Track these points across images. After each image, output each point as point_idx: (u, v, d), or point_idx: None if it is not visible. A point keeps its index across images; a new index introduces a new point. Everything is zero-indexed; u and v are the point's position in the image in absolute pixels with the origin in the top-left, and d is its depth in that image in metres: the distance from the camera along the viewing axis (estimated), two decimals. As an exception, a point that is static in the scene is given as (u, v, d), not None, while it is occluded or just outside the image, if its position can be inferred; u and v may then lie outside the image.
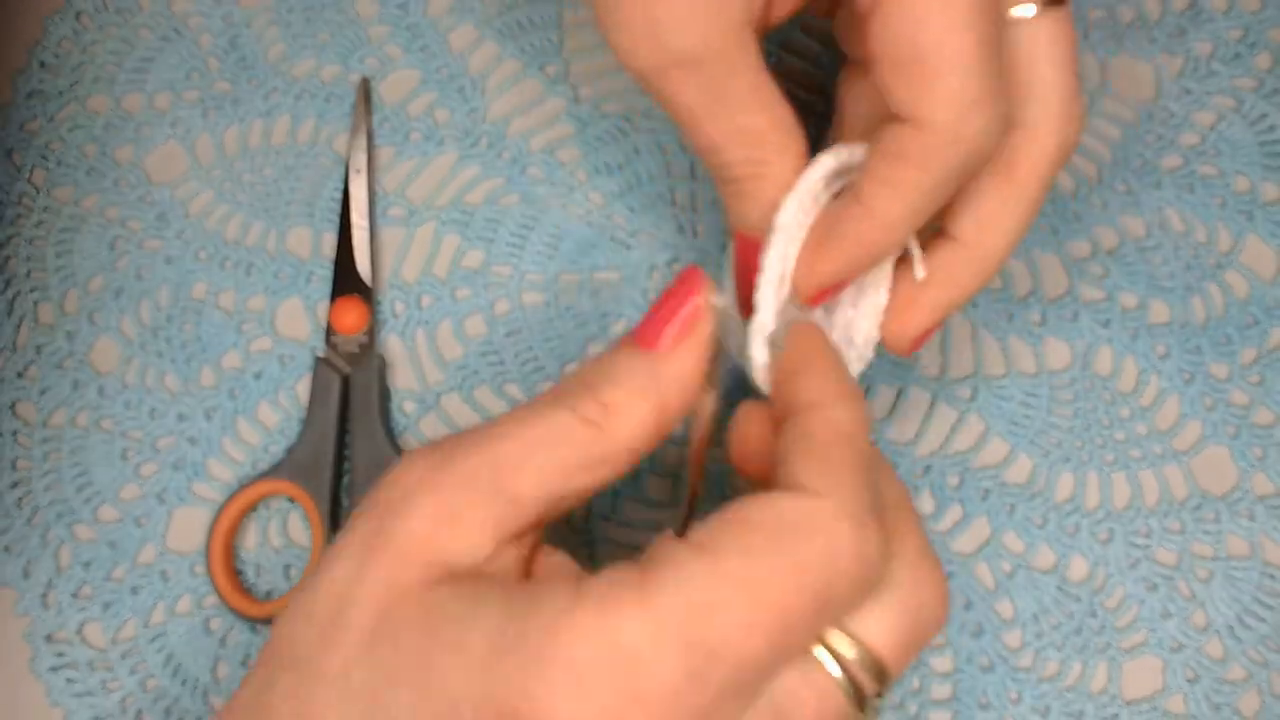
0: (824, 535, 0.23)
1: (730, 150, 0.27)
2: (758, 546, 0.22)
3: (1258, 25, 0.39)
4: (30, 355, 0.37)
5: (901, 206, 0.26)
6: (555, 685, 0.21)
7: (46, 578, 0.36)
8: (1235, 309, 0.36)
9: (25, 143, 0.39)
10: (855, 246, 0.27)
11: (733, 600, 0.22)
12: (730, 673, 0.22)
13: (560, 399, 0.25)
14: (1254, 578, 0.35)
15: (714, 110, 0.27)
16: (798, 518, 0.23)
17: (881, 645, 0.24)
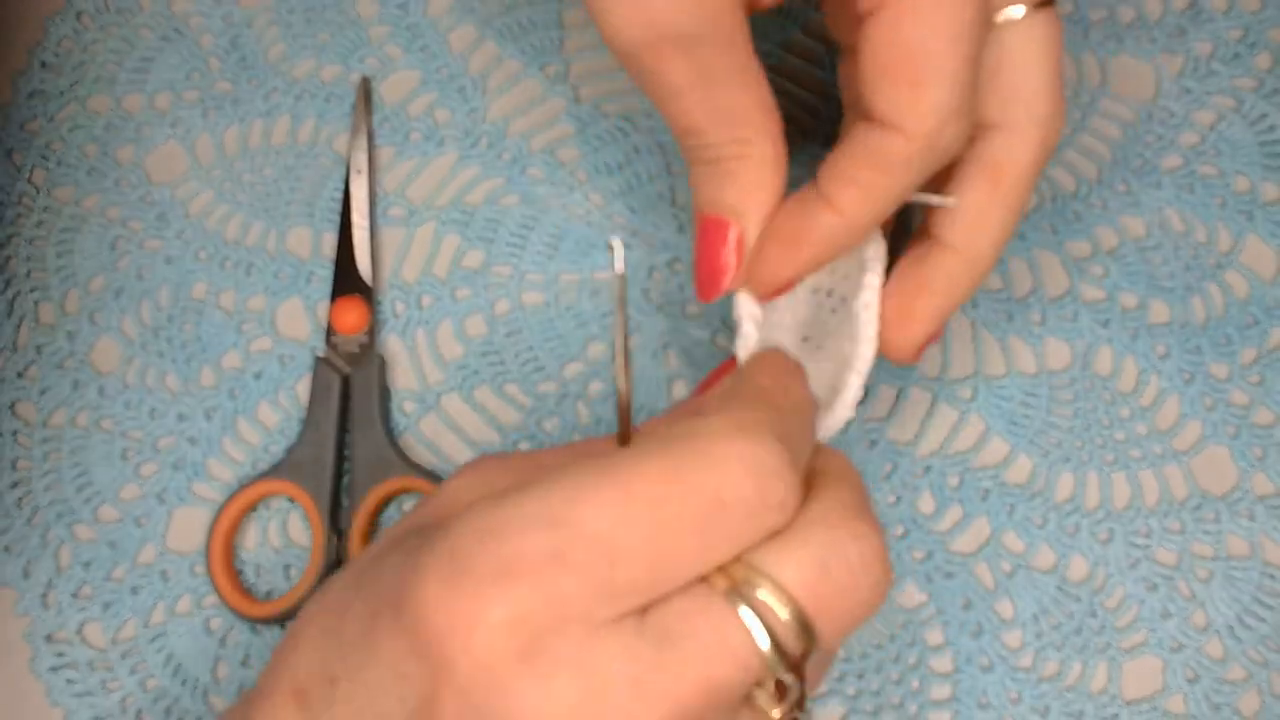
0: (711, 443, 0.22)
1: (714, 130, 0.28)
2: (644, 452, 0.22)
3: (1258, 25, 0.39)
4: (31, 355, 0.37)
5: (870, 209, 0.27)
6: (433, 566, 0.22)
7: (46, 578, 0.36)
8: (1235, 309, 0.36)
9: (26, 143, 0.39)
10: (821, 246, 0.28)
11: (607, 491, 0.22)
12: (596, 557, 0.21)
13: None
14: (1254, 578, 0.35)
15: (700, 89, 0.27)
16: (690, 430, 0.23)
17: (798, 589, 0.22)
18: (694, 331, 0.37)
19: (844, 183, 0.27)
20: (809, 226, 0.27)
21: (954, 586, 0.35)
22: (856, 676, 0.34)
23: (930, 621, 0.35)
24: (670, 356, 0.37)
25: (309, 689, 0.24)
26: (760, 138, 0.28)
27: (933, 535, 0.35)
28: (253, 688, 0.26)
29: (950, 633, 0.34)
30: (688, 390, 0.36)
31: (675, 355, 0.37)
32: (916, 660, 0.34)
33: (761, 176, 0.28)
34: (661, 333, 0.37)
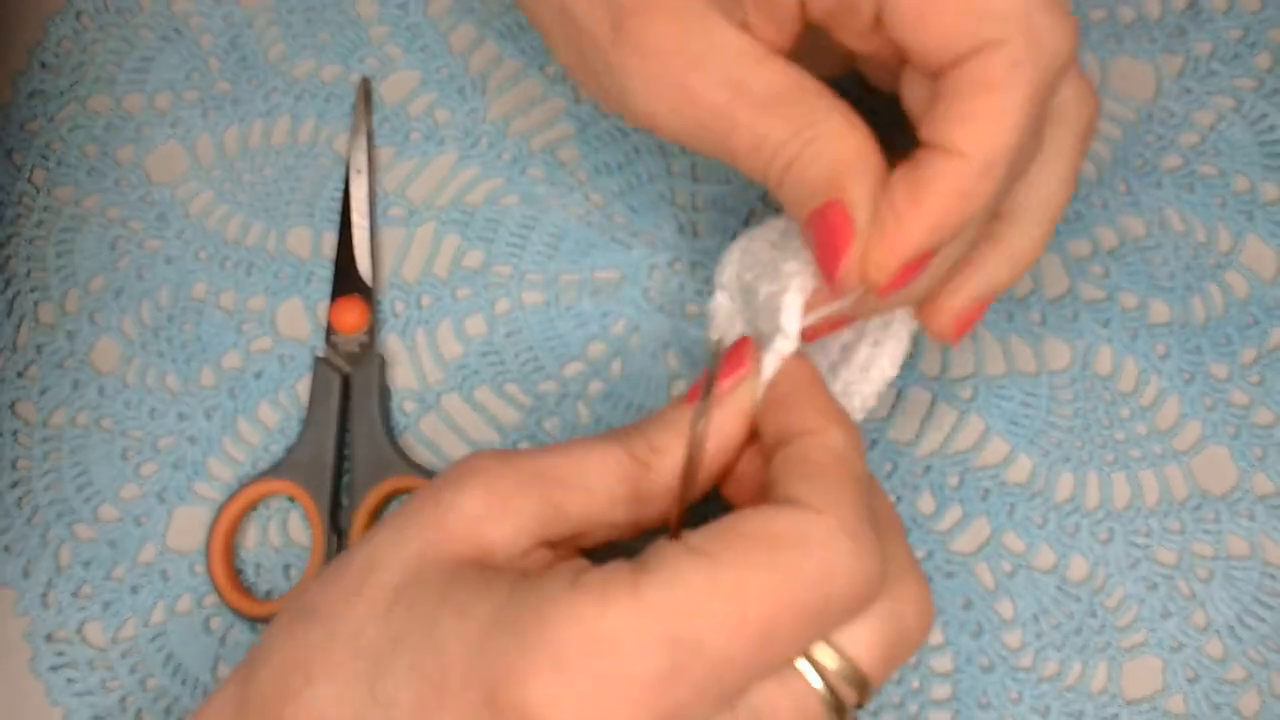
0: (821, 550, 0.23)
1: (775, 132, 0.26)
2: (753, 556, 0.23)
3: (1258, 25, 0.39)
4: (31, 355, 0.37)
5: (1000, 137, 0.25)
6: (537, 666, 0.22)
7: (46, 577, 0.36)
8: (1235, 309, 0.36)
9: (26, 143, 0.39)
10: (947, 198, 0.25)
11: (722, 604, 0.22)
12: (710, 671, 0.22)
13: (617, 437, 0.27)
14: (1254, 577, 0.35)
15: (740, 106, 0.27)
16: (796, 531, 0.23)
17: (864, 657, 0.24)
18: (694, 331, 0.37)
19: (958, 121, 0.25)
20: (926, 178, 0.25)
21: (954, 586, 0.35)
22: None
23: (930, 621, 0.35)
24: (670, 356, 0.37)
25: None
26: (821, 115, 0.26)
27: (933, 535, 0.35)
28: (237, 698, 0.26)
29: (950, 632, 0.34)
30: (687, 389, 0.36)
31: (675, 355, 0.37)
32: (917, 660, 0.34)
33: (843, 146, 0.26)
34: (661, 332, 0.37)
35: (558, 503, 0.26)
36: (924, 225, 0.25)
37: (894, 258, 0.26)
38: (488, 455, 0.26)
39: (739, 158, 0.27)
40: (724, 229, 0.38)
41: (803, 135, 0.26)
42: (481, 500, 0.25)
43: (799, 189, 0.27)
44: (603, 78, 0.29)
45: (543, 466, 0.26)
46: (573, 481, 0.26)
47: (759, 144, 0.27)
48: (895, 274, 0.26)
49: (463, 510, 0.25)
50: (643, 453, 0.27)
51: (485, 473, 0.26)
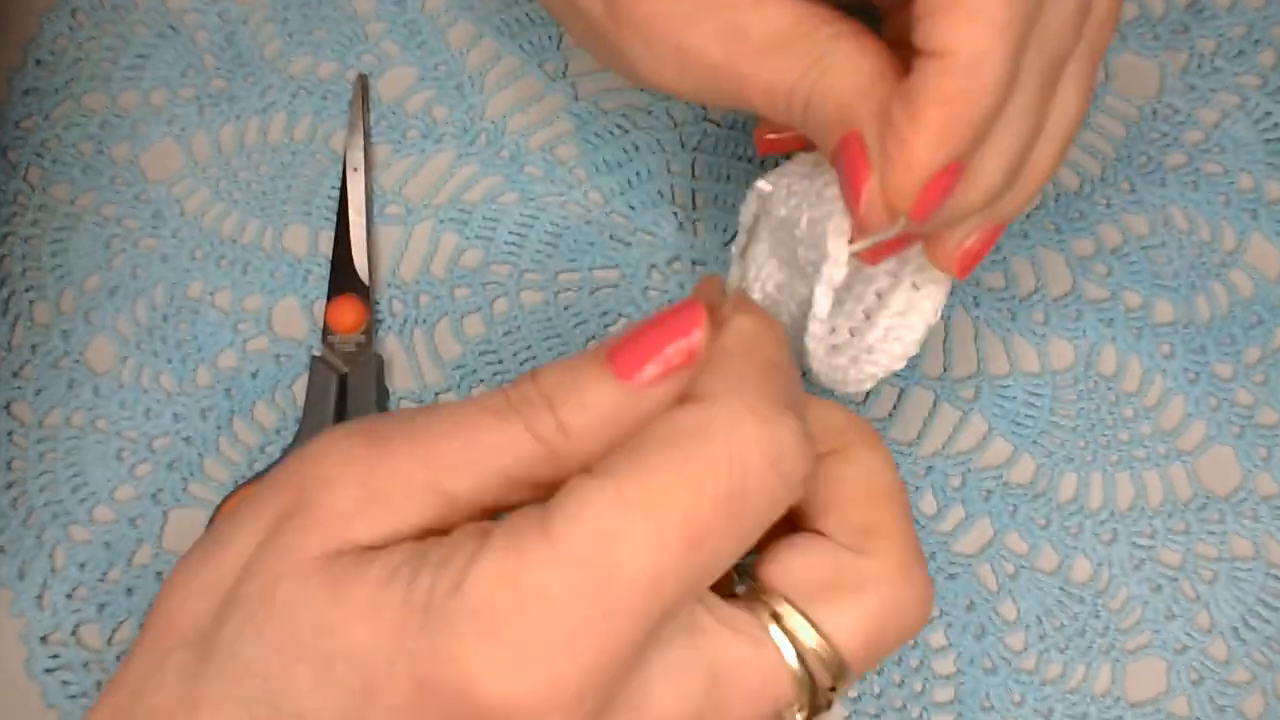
0: (724, 435, 0.21)
1: (783, 79, 0.25)
2: (655, 463, 0.21)
3: (1262, 22, 0.38)
4: (25, 355, 0.37)
5: (984, 24, 0.23)
6: (466, 640, 0.20)
7: (41, 579, 0.35)
8: (1240, 308, 0.36)
9: (21, 141, 0.39)
10: (948, 106, 0.23)
11: (637, 519, 0.21)
12: (645, 593, 0.21)
13: (514, 406, 0.23)
14: (1258, 579, 0.34)
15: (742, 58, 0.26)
16: (696, 424, 0.22)
17: (846, 642, 0.23)
18: (694, 331, 0.36)
19: (938, 15, 0.23)
20: (918, 89, 0.23)
21: (956, 588, 0.34)
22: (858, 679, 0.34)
23: (932, 623, 0.34)
24: (670, 356, 0.36)
25: None
26: (827, 45, 0.25)
27: (935, 536, 0.35)
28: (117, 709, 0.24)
29: (953, 634, 0.34)
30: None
31: (675, 355, 0.36)
32: (919, 662, 0.34)
33: (855, 75, 0.25)
34: (661, 332, 0.37)
35: (445, 494, 0.23)
36: (928, 140, 0.23)
37: (909, 181, 0.24)
38: (357, 439, 0.23)
39: (757, 107, 0.26)
40: (724, 227, 0.37)
41: (811, 72, 0.25)
42: (353, 500, 0.22)
43: (818, 128, 0.26)
44: (612, 53, 0.28)
45: (425, 452, 0.23)
46: (460, 469, 0.23)
47: (770, 91, 0.26)
48: (919, 197, 0.24)
49: (331, 509, 0.22)
50: (550, 434, 0.23)
51: (354, 471, 0.23)
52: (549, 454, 0.23)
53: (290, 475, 0.23)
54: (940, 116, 0.23)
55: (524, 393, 0.23)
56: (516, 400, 0.23)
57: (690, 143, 0.38)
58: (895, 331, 0.29)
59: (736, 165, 0.38)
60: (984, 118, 0.23)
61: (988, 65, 0.23)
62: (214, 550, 0.23)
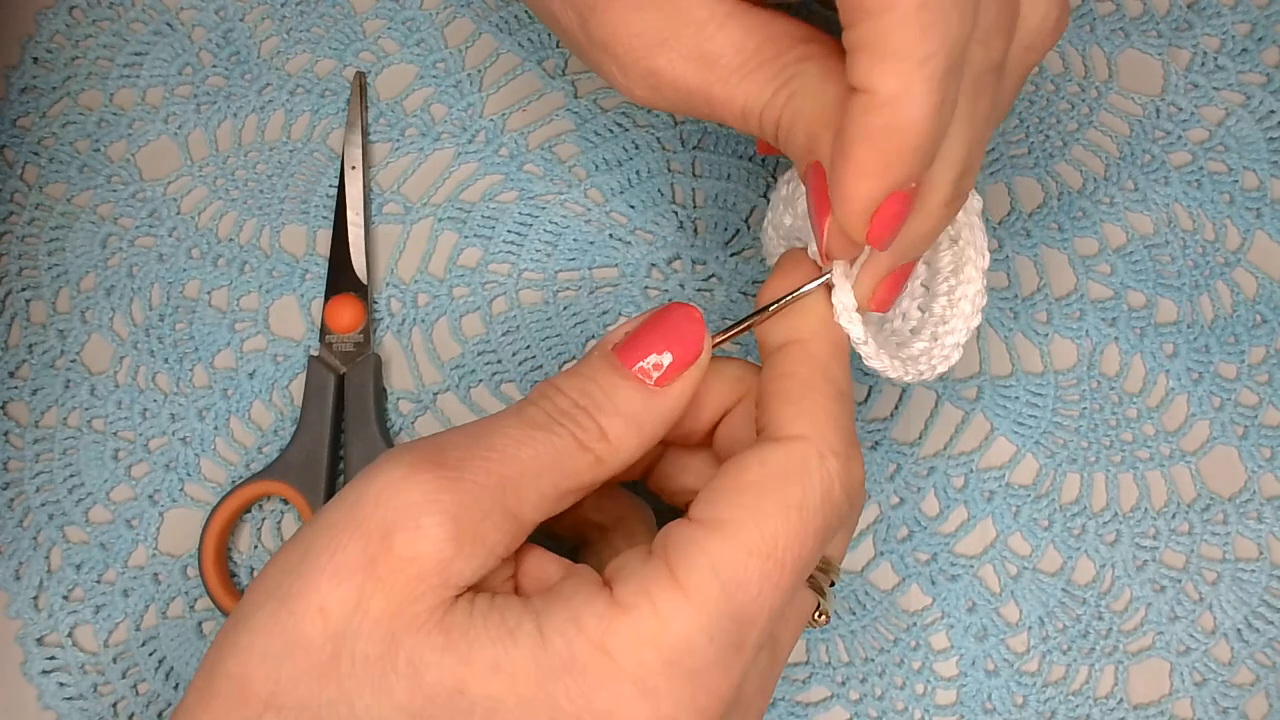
0: (817, 476, 0.24)
1: (754, 101, 0.25)
2: (765, 508, 0.23)
3: (1265, 20, 0.38)
4: (22, 354, 0.37)
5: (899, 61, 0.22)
6: (623, 695, 0.22)
7: (38, 580, 0.35)
8: (1243, 308, 0.36)
9: (18, 139, 0.39)
10: (874, 143, 0.23)
11: (758, 564, 0.23)
12: (764, 629, 0.23)
13: (557, 419, 0.25)
14: (1262, 580, 0.34)
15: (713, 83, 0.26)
16: (790, 466, 0.24)
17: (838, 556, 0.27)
18: (694, 330, 0.36)
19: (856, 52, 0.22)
20: (847, 124, 0.23)
21: (958, 589, 0.34)
22: (860, 681, 0.34)
23: (934, 625, 0.34)
24: (670, 355, 0.36)
25: None
26: (796, 67, 0.25)
27: (937, 537, 0.35)
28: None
29: (955, 636, 0.34)
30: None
31: (675, 354, 0.36)
32: (921, 664, 0.34)
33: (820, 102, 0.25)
34: (661, 331, 0.36)
35: (516, 514, 0.24)
36: (862, 175, 0.23)
37: (852, 215, 0.24)
38: (428, 472, 0.23)
39: (733, 126, 0.27)
40: (724, 226, 0.37)
41: (780, 95, 0.25)
42: (449, 542, 0.23)
43: (790, 151, 0.26)
44: (591, 66, 0.29)
45: (496, 478, 0.24)
46: (526, 489, 0.24)
47: (744, 112, 0.26)
48: (872, 226, 0.24)
49: (427, 558, 0.22)
50: (594, 442, 0.25)
51: (436, 509, 0.23)
52: (595, 461, 0.25)
53: (363, 519, 0.23)
54: (868, 153, 0.23)
55: (559, 405, 0.25)
56: (557, 413, 0.25)
57: (690, 141, 0.38)
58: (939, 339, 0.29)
59: (737, 164, 0.38)
60: (916, 148, 0.23)
61: (909, 103, 0.22)
62: (287, 607, 0.23)
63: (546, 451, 0.24)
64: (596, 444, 0.25)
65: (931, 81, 0.22)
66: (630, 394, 0.25)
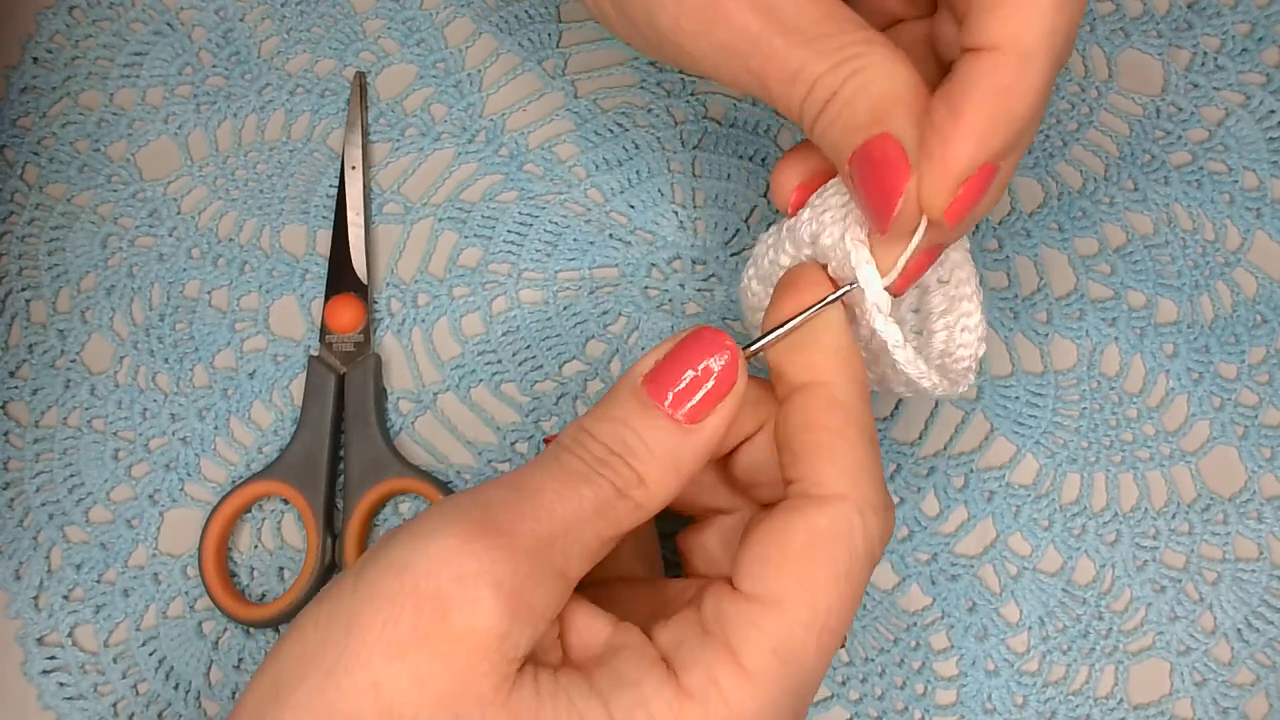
0: (860, 537, 0.24)
1: (817, 61, 0.24)
2: (816, 579, 0.24)
3: (1265, 20, 0.38)
4: (22, 354, 0.37)
5: (1035, 19, 0.22)
6: None
7: (38, 580, 0.35)
8: (1243, 308, 0.36)
9: (18, 139, 0.39)
10: (994, 102, 0.23)
11: (814, 640, 0.24)
12: (815, 685, 0.24)
13: (595, 469, 0.24)
14: (1262, 580, 0.34)
15: (779, 30, 0.25)
16: (833, 527, 0.24)
17: None
18: (694, 330, 0.36)
19: (988, 13, 0.23)
20: (964, 85, 0.23)
21: (959, 589, 0.34)
22: (860, 681, 0.34)
23: (935, 625, 0.34)
24: (670, 355, 0.36)
25: None
26: (864, 47, 0.24)
27: (937, 537, 0.35)
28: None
29: (955, 636, 0.34)
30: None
31: (675, 354, 0.36)
32: (921, 664, 0.34)
33: (891, 80, 0.24)
34: (662, 332, 0.36)
35: (564, 573, 0.24)
36: (972, 137, 0.23)
37: (948, 180, 0.23)
38: (484, 545, 0.22)
39: (771, 89, 0.25)
40: (724, 226, 0.37)
41: (844, 68, 0.24)
42: (505, 615, 0.22)
43: (840, 125, 0.25)
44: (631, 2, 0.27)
45: (544, 539, 0.23)
46: (571, 544, 0.24)
47: (794, 76, 0.25)
48: (955, 197, 0.23)
49: (488, 632, 0.22)
50: (633, 488, 0.24)
51: (489, 579, 0.22)
52: (635, 507, 0.24)
53: (415, 589, 0.22)
54: (987, 111, 0.23)
55: (595, 453, 0.24)
56: (595, 463, 0.24)
57: (690, 141, 0.38)
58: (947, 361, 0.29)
59: (737, 164, 0.38)
60: (1027, 116, 0.23)
61: (1036, 64, 0.23)
62: (334, 681, 0.22)
63: (590, 504, 0.24)
64: (635, 490, 0.24)
65: (1056, 54, 0.23)
66: (665, 436, 0.24)
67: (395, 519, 0.35)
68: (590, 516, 0.24)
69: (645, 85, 0.38)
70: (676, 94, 0.38)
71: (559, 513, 0.24)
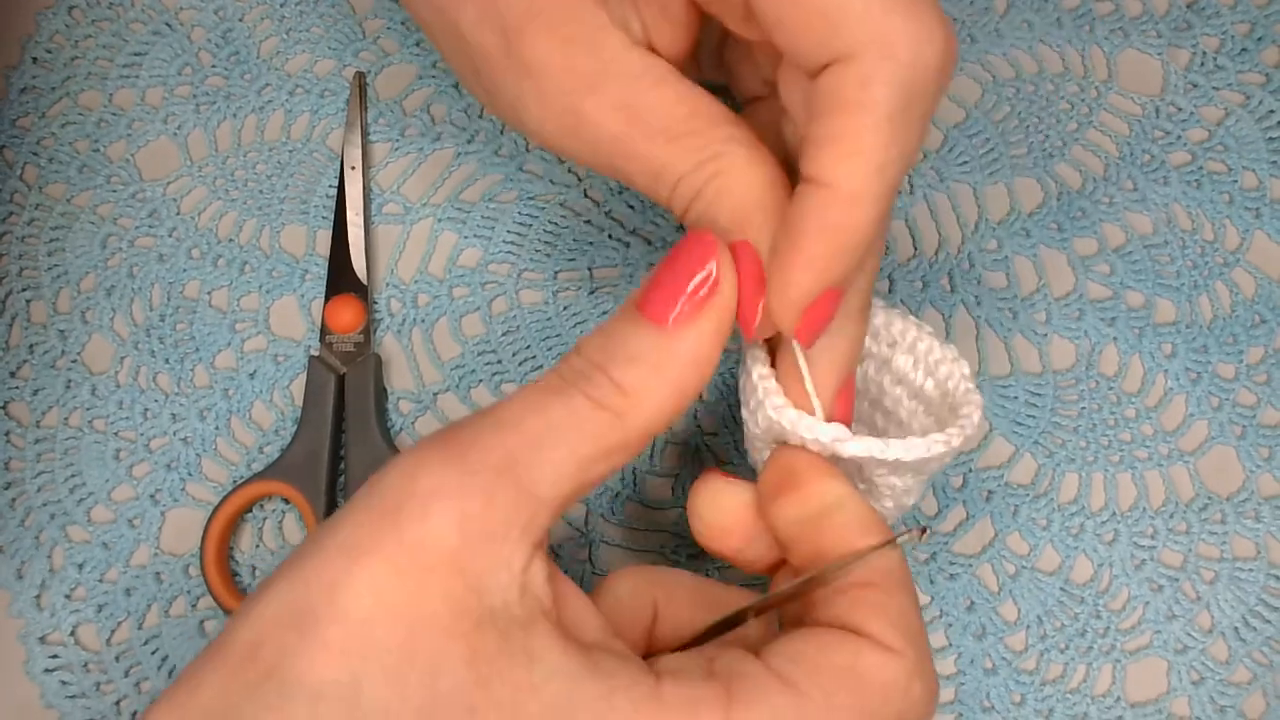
0: (901, 696, 0.23)
1: (674, 167, 0.25)
2: (841, 697, 0.23)
3: (1265, 20, 0.38)
4: (23, 354, 0.37)
5: (861, 163, 0.23)
6: None
7: (40, 579, 0.35)
8: (1242, 308, 0.36)
9: (17, 139, 0.39)
10: (827, 238, 0.24)
11: None
12: None
13: (570, 381, 0.24)
14: (1259, 579, 0.34)
15: (637, 126, 0.25)
16: (879, 676, 0.23)
17: None
18: (694, 330, 0.36)
19: (819, 147, 0.23)
20: (799, 217, 0.24)
21: (957, 588, 0.34)
22: None
23: (933, 623, 0.34)
24: (670, 355, 0.36)
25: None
26: (725, 145, 0.25)
27: (936, 537, 0.35)
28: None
29: (953, 635, 0.34)
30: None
31: (675, 354, 0.36)
32: (919, 663, 0.34)
33: (749, 182, 0.25)
34: (661, 331, 0.36)
35: (530, 490, 0.23)
36: (811, 270, 0.24)
37: (792, 308, 0.24)
38: (437, 459, 0.23)
39: (639, 185, 0.26)
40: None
41: (706, 168, 0.25)
42: (456, 531, 0.22)
43: (706, 224, 0.26)
44: (496, 95, 0.27)
45: (502, 453, 0.23)
46: (536, 459, 0.23)
47: (659, 174, 0.26)
48: (803, 320, 0.25)
49: (439, 546, 0.22)
50: (609, 397, 0.23)
51: (444, 494, 0.22)
52: (613, 418, 0.23)
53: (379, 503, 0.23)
54: (821, 246, 0.24)
55: (573, 365, 0.24)
56: (570, 375, 0.24)
57: (690, 141, 0.38)
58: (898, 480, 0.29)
59: (736, 163, 0.38)
60: (861, 246, 0.24)
61: (865, 203, 0.23)
62: (301, 577, 0.23)
63: (558, 416, 0.23)
64: (613, 399, 0.23)
65: (887, 187, 0.23)
66: (643, 338, 0.24)
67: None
68: (561, 430, 0.23)
69: (645, 85, 0.38)
70: (676, 94, 0.38)
71: (521, 425, 0.23)
